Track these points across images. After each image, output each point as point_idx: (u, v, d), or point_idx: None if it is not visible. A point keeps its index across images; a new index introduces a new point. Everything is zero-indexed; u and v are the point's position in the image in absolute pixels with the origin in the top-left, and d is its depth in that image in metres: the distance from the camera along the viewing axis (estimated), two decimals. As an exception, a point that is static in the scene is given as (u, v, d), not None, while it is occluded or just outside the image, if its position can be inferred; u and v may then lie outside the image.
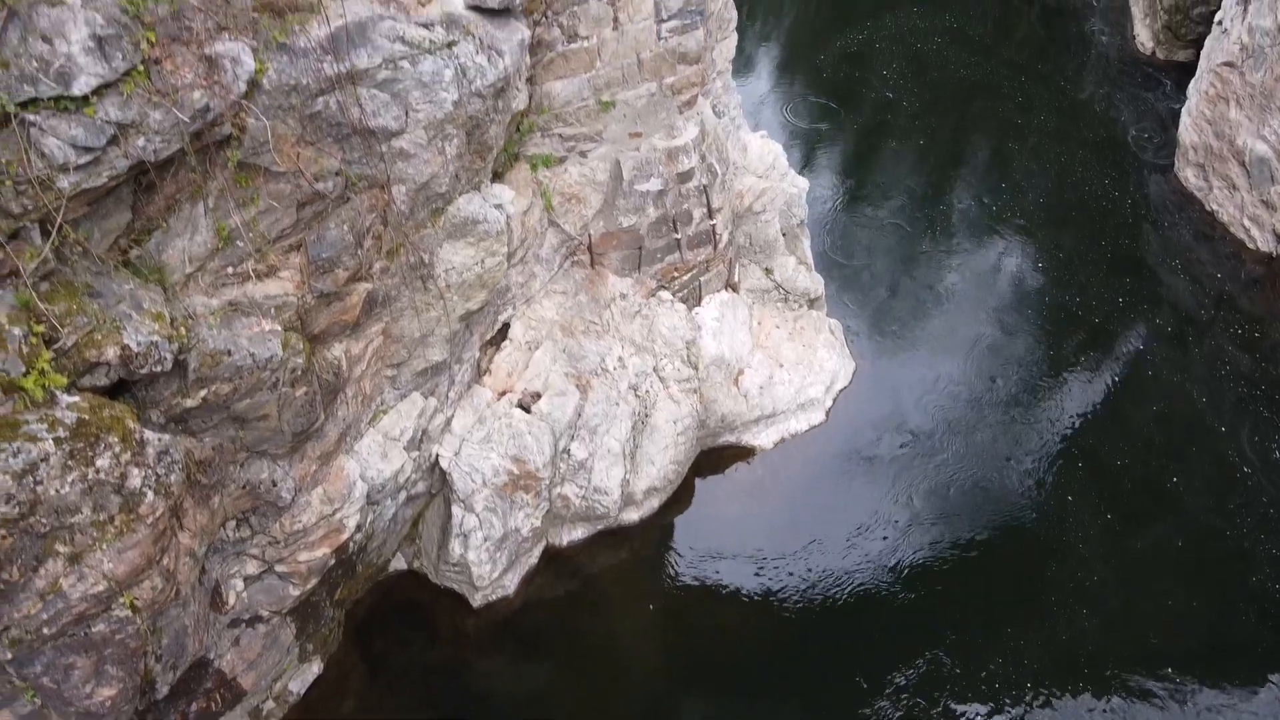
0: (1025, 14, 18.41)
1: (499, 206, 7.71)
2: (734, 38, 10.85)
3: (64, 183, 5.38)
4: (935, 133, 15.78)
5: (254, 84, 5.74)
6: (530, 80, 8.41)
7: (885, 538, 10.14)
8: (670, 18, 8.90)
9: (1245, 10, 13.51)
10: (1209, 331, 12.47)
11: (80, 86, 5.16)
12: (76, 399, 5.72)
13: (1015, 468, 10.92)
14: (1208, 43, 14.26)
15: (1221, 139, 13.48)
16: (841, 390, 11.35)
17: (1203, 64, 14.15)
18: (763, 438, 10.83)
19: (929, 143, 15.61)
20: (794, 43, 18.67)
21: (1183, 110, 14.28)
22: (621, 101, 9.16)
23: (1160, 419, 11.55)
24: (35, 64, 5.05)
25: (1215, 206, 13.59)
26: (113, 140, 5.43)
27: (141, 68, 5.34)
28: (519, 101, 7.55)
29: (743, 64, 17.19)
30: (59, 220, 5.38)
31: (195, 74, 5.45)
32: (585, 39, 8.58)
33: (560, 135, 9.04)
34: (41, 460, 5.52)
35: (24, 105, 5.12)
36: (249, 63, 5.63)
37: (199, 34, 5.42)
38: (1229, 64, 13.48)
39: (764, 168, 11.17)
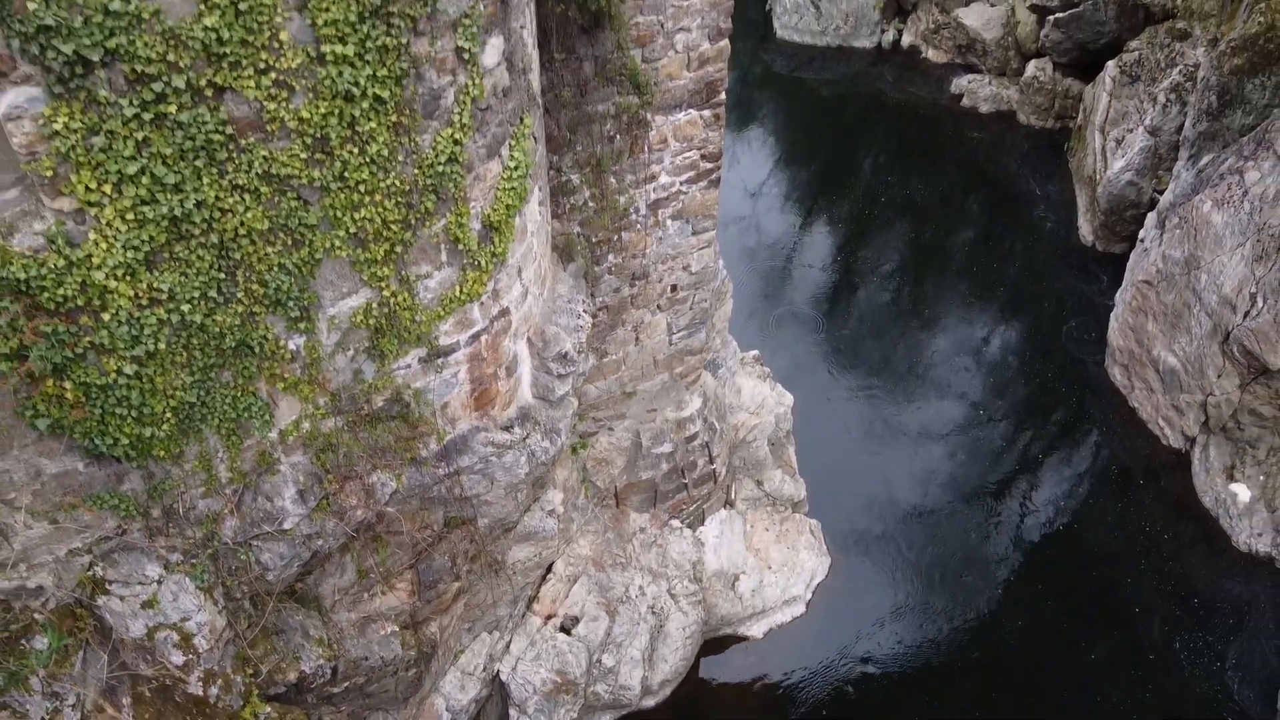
0: (978, 194, 21.01)
1: (551, 512, 10.25)
2: (730, 302, 13.41)
3: (271, 576, 7.94)
4: (891, 308, 18.41)
5: (393, 494, 8.30)
6: (571, 389, 10.96)
7: (863, 689, 12.74)
8: (680, 330, 11.46)
9: (1161, 235, 16.09)
10: (1128, 517, 14.94)
11: (288, 524, 7.72)
12: (269, 709, 8.25)
13: (963, 628, 13.50)
14: (1132, 257, 16.82)
15: (1141, 346, 16.02)
16: (819, 584, 13.86)
17: (1128, 276, 16.70)
18: (755, 629, 13.33)
19: (886, 319, 18.23)
20: (764, 202, 21.37)
21: (1111, 314, 16.82)
22: (641, 390, 11.71)
23: (1088, 585, 14.03)
24: (260, 514, 7.61)
25: (1136, 404, 16.12)
26: (303, 543, 7.99)
27: (325, 501, 7.90)
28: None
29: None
30: (270, 604, 7.94)
31: (358, 498, 8.01)
32: (613, 355, 11.14)
33: (593, 418, 11.60)
34: (249, 758, 8.05)
35: (250, 539, 7.68)
36: (391, 484, 8.19)
37: (361, 472, 7.99)
38: (1147, 282, 16.03)
39: (755, 405, 13.72)
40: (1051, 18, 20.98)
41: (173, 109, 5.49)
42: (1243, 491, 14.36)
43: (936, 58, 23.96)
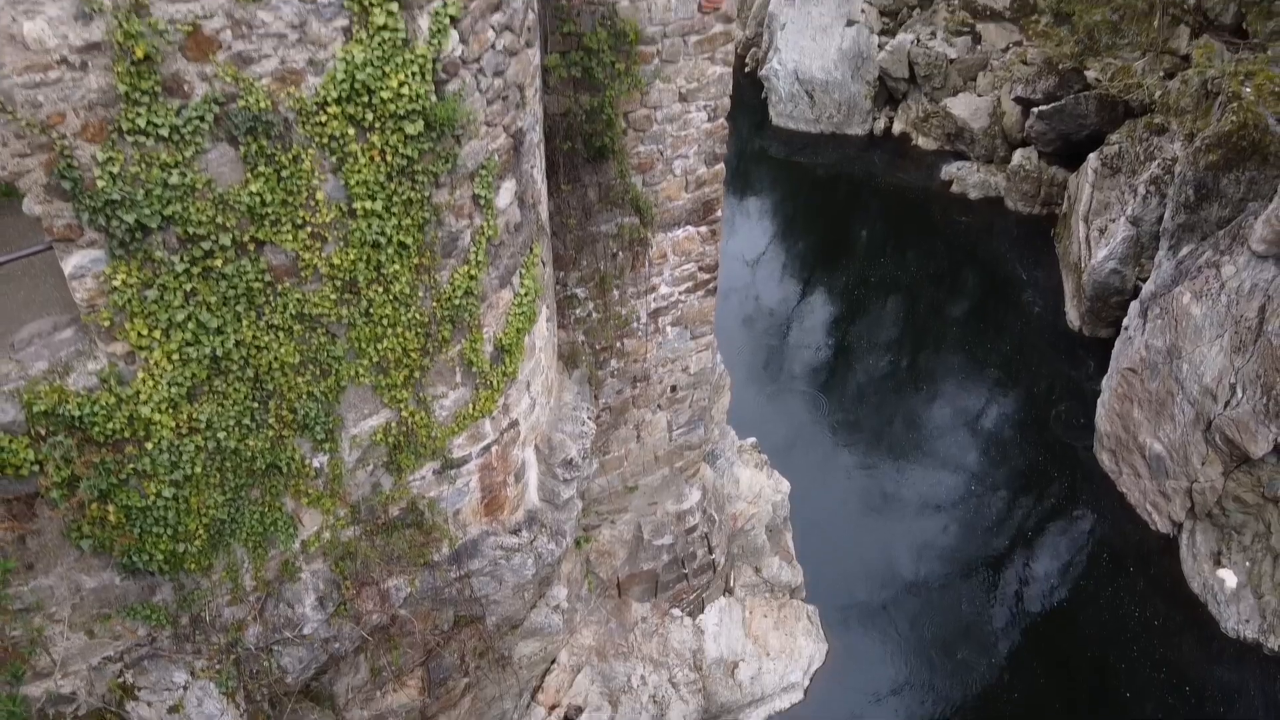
0: (969, 277, 21.69)
1: (557, 607, 10.63)
2: (728, 395, 13.93)
3: (290, 678, 8.32)
4: (884, 387, 18.94)
5: (407, 597, 8.71)
6: (576, 485, 11.40)
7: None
8: (680, 427, 11.95)
9: (1144, 325, 16.66)
10: (1119, 601, 15.25)
11: (308, 629, 8.12)
12: (285, 807, 8.56)
13: (959, 711, 13.76)
14: (1117, 344, 17.37)
15: (1128, 433, 16.49)
16: (817, 670, 14.14)
17: (1113, 363, 17.24)
18: (754, 716, 13.56)
19: (879, 398, 18.74)
20: (762, 273, 22.05)
21: (1099, 400, 17.33)
22: (642, 485, 12.16)
23: (1082, 668, 14.29)
24: (282, 620, 8.02)
25: (1125, 489, 16.54)
26: (321, 646, 8.37)
27: (342, 606, 8.31)
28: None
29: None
30: (289, 705, 8.30)
31: (374, 603, 8.42)
32: (616, 452, 11.61)
33: (596, 512, 12.02)
34: None
35: (271, 644, 8.07)
36: (405, 588, 8.61)
37: (377, 578, 8.41)
38: (1132, 369, 16.56)
39: (752, 495, 14.16)
40: (1035, 110, 21.86)
41: (219, 263, 6.06)
42: (1230, 577, 14.71)
43: (926, 145, 24.84)
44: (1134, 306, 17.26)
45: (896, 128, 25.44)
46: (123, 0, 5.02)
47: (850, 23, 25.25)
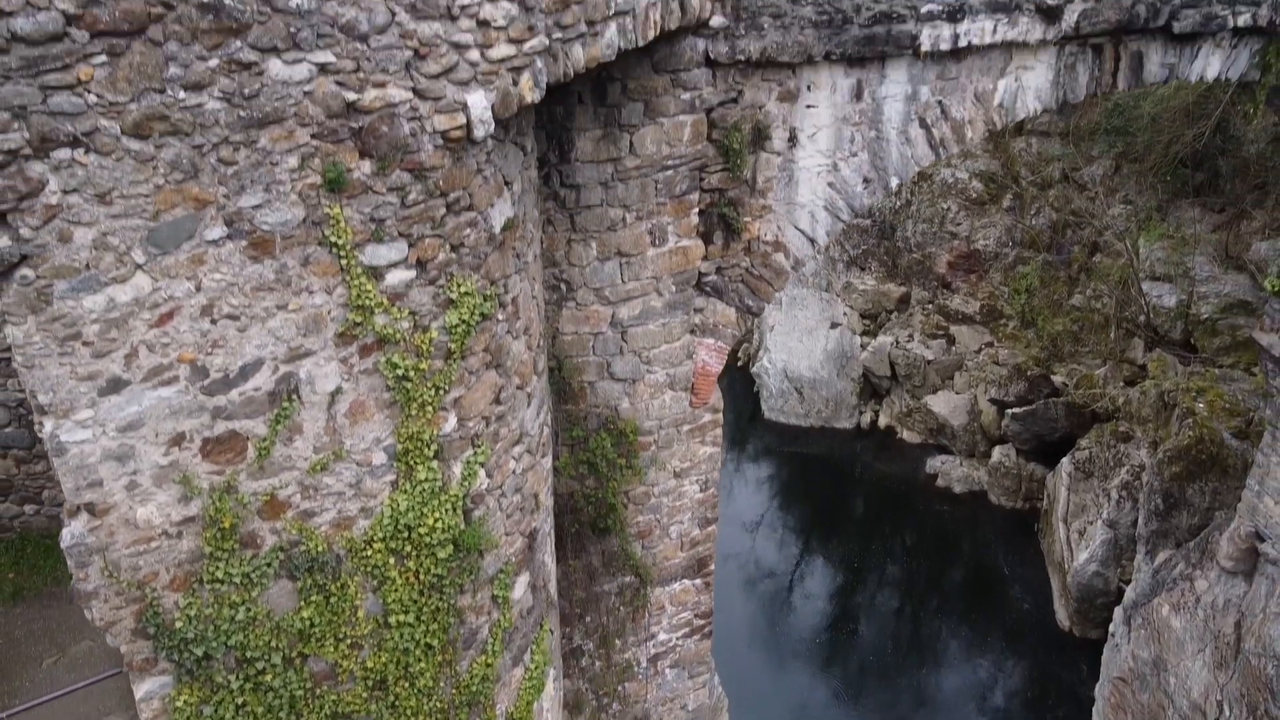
0: (956, 573, 22.38)
1: None
2: (726, 716, 14.26)
3: None
4: (878, 691, 19.13)
5: None
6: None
7: None
8: (678, 764, 12.29)
9: (1129, 633, 17.16)
10: None
11: None
12: None
13: None
14: (1106, 651, 17.79)
15: (1126, 745, 16.60)
16: None
17: (1104, 671, 17.60)
18: None
19: (872, 702, 18.90)
20: (761, 541, 22.70)
21: (1094, 709, 17.53)
22: (643, 822, 12.32)
23: None
24: None
25: (1129, 806, 16.45)
26: None
27: None
28: None
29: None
30: None
31: None
32: (617, 793, 11.90)
33: None
34: None
35: None
36: None
37: None
38: (1122, 679, 16.90)
39: (753, 822, 14.18)
40: (1009, 411, 23.38)
41: (269, 677, 6.89)
42: None
43: (911, 438, 26.25)
44: (1118, 613, 17.81)
45: (882, 421, 26.97)
46: (217, 483, 6.17)
47: (834, 325, 27.41)
